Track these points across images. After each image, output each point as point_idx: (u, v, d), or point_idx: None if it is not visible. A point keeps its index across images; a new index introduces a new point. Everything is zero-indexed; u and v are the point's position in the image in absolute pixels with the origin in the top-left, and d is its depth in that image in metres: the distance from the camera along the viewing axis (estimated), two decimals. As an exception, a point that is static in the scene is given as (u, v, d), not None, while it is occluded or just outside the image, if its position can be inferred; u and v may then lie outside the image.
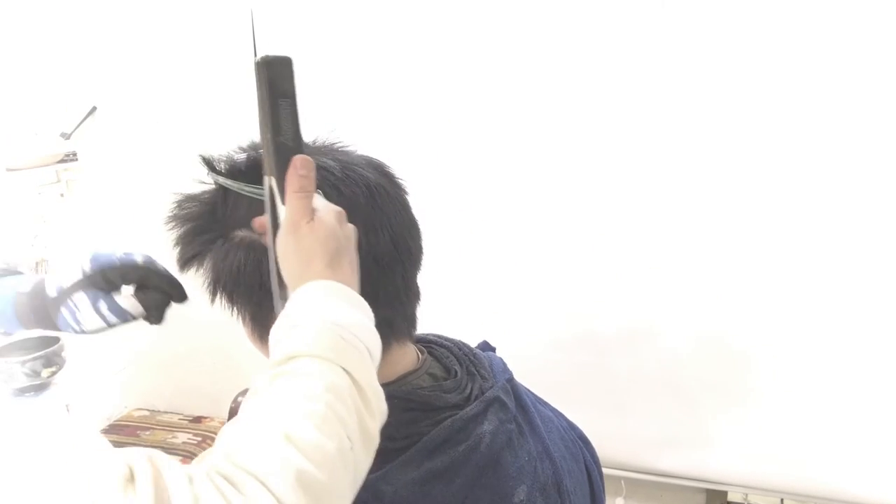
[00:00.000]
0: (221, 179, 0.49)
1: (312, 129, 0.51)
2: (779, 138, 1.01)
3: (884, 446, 1.06)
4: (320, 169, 0.46)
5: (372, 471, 0.45)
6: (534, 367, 0.82)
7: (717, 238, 1.07)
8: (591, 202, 1.12)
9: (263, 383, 0.37)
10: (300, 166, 0.43)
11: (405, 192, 0.52)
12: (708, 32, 1.00)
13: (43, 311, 0.55)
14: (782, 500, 1.27)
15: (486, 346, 0.65)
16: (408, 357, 0.53)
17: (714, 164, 1.05)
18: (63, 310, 0.54)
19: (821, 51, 0.96)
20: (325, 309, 0.39)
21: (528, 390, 0.62)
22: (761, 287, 1.07)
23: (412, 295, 0.52)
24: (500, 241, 1.18)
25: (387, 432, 0.45)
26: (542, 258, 1.17)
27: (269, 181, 0.44)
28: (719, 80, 1.01)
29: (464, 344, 0.59)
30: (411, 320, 0.53)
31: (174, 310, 0.57)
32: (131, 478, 0.31)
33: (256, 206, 0.47)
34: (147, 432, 1.46)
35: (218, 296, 0.50)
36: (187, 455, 1.36)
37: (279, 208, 0.44)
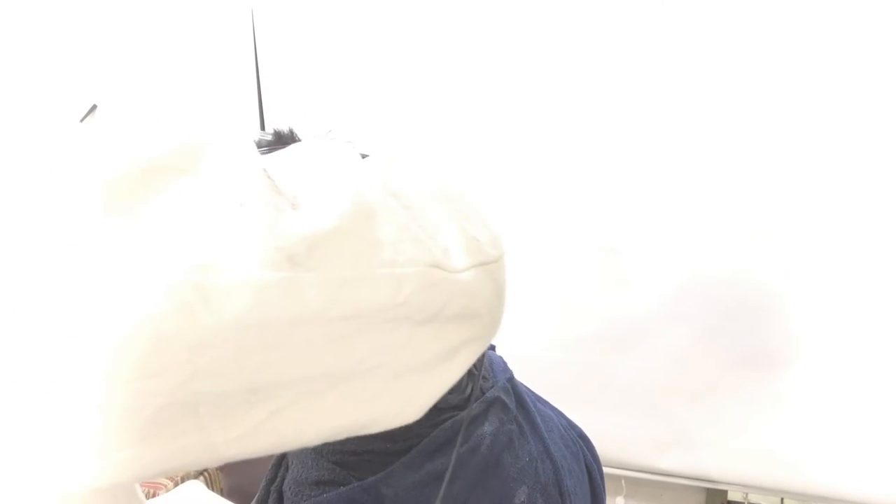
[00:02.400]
0: None
1: (318, 127, 0.51)
2: (779, 138, 1.01)
3: (884, 446, 1.06)
4: None
5: (372, 473, 0.45)
6: (534, 367, 0.82)
7: (715, 239, 1.07)
8: (591, 202, 1.12)
9: None
10: None
11: None
12: (708, 33, 1.00)
13: None
14: (782, 499, 1.27)
15: (485, 345, 0.64)
16: None
17: (716, 163, 1.04)
18: None
19: (821, 51, 0.96)
20: None
21: (528, 389, 0.62)
22: (761, 287, 1.07)
23: None
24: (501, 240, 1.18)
25: (386, 434, 0.45)
26: (543, 257, 1.16)
27: None
28: (720, 80, 1.01)
29: None
30: None
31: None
32: None
33: None
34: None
35: None
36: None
37: None
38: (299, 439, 0.32)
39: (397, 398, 0.35)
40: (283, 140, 0.49)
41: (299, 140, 0.50)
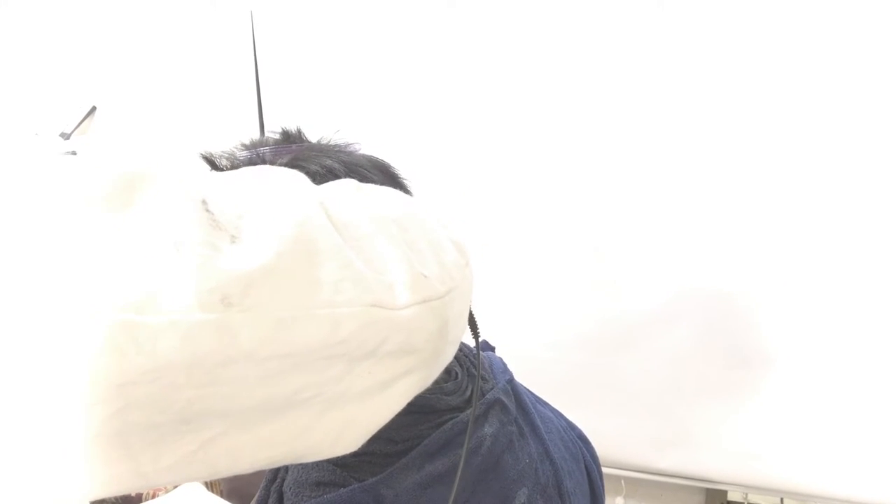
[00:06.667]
0: None
1: (317, 129, 0.51)
2: (778, 138, 1.01)
3: (884, 446, 1.06)
4: (325, 172, 0.46)
5: (373, 474, 0.45)
6: (534, 367, 0.82)
7: (716, 238, 1.07)
8: (590, 203, 1.12)
9: None
10: None
11: (409, 193, 0.52)
12: (705, 34, 1.00)
13: None
14: (782, 499, 1.27)
15: (485, 346, 0.64)
16: None
17: (714, 164, 1.05)
18: None
19: (820, 52, 0.96)
20: None
21: (528, 390, 0.62)
22: (761, 287, 1.07)
23: None
24: (501, 240, 1.18)
25: (387, 435, 0.45)
26: (542, 258, 1.16)
27: None
28: (716, 81, 1.01)
29: (464, 344, 0.59)
30: None
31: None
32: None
33: None
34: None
35: None
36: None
37: None
38: (232, 468, 0.32)
39: (332, 428, 0.35)
40: (290, 139, 0.49)
41: (306, 140, 0.50)
